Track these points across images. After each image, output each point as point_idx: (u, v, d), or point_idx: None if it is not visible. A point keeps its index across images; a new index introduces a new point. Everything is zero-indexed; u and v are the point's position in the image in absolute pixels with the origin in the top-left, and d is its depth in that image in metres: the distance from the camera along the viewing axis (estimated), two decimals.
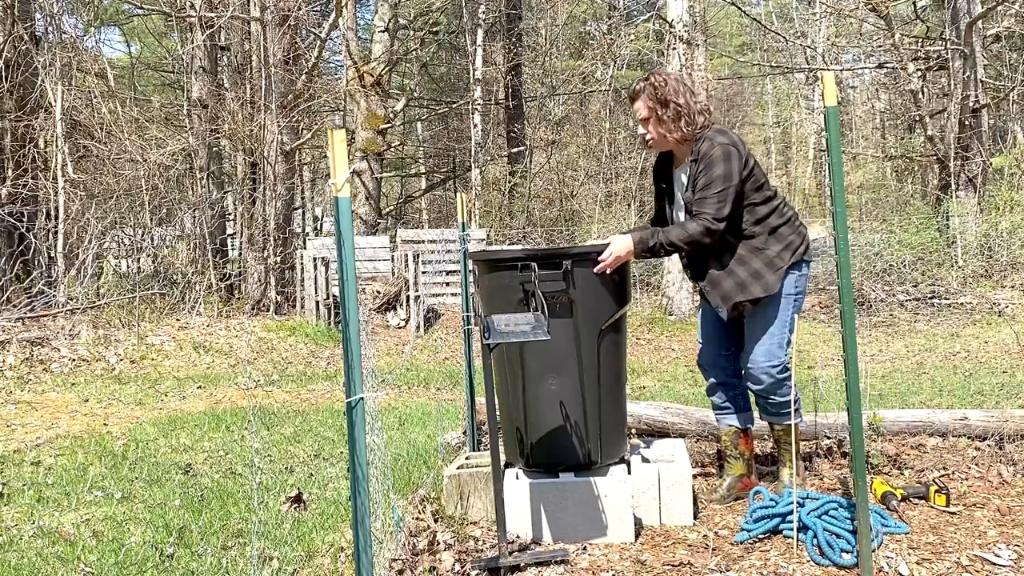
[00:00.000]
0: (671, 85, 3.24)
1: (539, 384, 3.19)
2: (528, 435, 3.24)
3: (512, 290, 3.16)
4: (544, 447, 3.24)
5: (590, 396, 3.21)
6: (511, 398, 3.28)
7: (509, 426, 3.36)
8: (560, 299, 3.12)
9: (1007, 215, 13.30)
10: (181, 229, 14.20)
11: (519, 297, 3.14)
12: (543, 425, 3.22)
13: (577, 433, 3.21)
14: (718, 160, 3.13)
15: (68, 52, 12.43)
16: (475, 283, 3.49)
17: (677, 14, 11.97)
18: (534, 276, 3.07)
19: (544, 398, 3.20)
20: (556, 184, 20.74)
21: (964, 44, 13.52)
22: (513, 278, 3.14)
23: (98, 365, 8.67)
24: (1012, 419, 4.16)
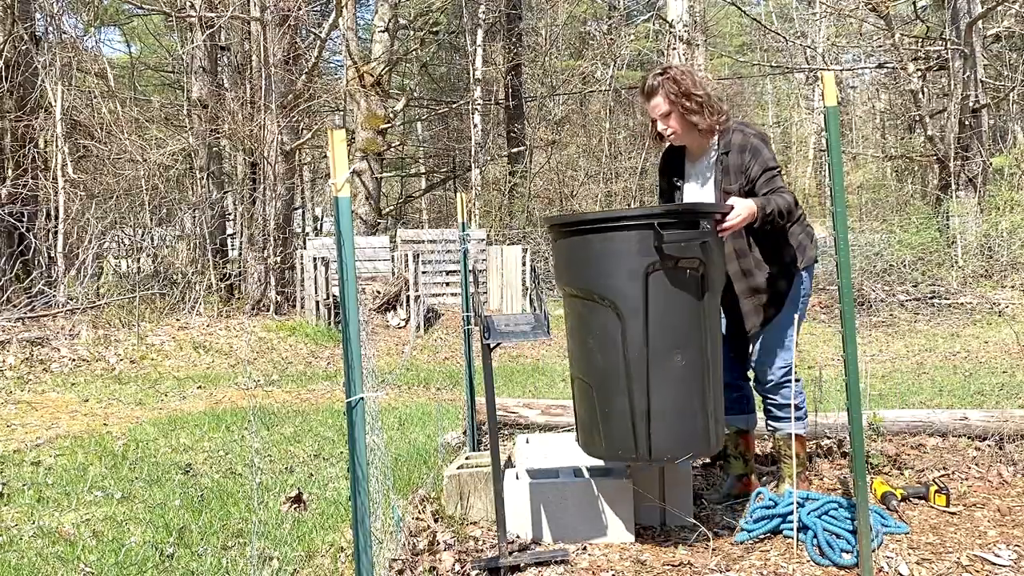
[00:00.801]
0: (689, 77, 3.18)
1: (665, 362, 2.81)
2: (652, 422, 2.82)
3: (628, 258, 2.76)
4: (671, 435, 2.84)
5: (713, 373, 2.90)
6: (626, 380, 2.81)
7: (615, 414, 2.87)
8: (692, 265, 2.79)
9: (1007, 215, 13.30)
10: (181, 229, 14.20)
11: (642, 267, 2.75)
12: (669, 409, 2.83)
13: (704, 416, 2.87)
14: (761, 147, 3.14)
15: (68, 52, 12.43)
16: (559, 254, 3.02)
17: (677, 14, 11.98)
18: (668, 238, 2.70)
19: (671, 378, 2.82)
20: (556, 184, 20.75)
21: (964, 44, 13.52)
22: (634, 243, 2.75)
23: (98, 365, 8.66)
24: (1012, 419, 4.16)
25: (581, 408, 3.04)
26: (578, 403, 3.07)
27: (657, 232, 2.72)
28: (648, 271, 2.76)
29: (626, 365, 2.81)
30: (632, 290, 2.78)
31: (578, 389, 3.05)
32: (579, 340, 2.97)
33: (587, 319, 2.90)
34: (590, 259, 2.85)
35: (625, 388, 2.82)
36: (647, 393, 2.81)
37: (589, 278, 2.85)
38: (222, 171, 15.80)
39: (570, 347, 3.09)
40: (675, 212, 2.82)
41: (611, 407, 2.87)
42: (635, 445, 2.85)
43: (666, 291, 2.79)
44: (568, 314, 3.05)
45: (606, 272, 2.81)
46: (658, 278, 2.77)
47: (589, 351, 2.91)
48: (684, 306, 2.81)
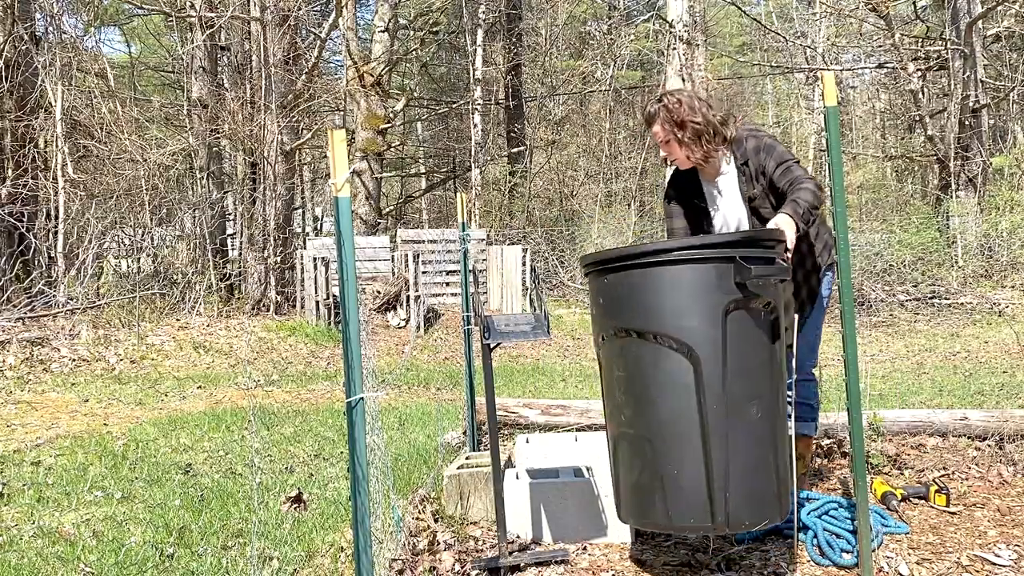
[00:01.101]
0: (685, 104, 3.07)
1: (742, 413, 2.47)
2: (729, 484, 2.44)
3: (706, 295, 2.45)
4: (748, 499, 2.47)
5: (783, 426, 2.57)
6: (702, 435, 2.45)
7: (686, 476, 2.47)
8: (769, 301, 2.51)
9: (1007, 215, 13.31)
10: (181, 229, 14.20)
11: (722, 305, 2.44)
12: (744, 470, 2.46)
13: (777, 474, 2.53)
14: (773, 143, 3.11)
15: (68, 52, 12.43)
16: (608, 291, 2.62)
17: (677, 14, 11.97)
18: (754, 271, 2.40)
19: (748, 432, 2.47)
20: (556, 184, 20.76)
21: (964, 44, 13.52)
22: (713, 277, 2.45)
23: (98, 365, 8.66)
24: (1012, 419, 4.16)
25: (631, 470, 2.61)
26: (625, 464, 2.64)
27: (742, 266, 2.43)
28: (728, 309, 2.46)
29: (701, 417, 2.44)
30: (711, 331, 2.45)
31: (628, 447, 2.62)
32: (636, 390, 2.57)
33: (649, 365, 2.53)
34: (657, 296, 2.50)
35: (700, 444, 2.44)
36: (726, 450, 2.44)
37: (656, 317, 2.49)
38: (222, 171, 15.81)
39: (615, 398, 2.66)
40: (754, 240, 2.53)
41: (681, 467, 2.47)
42: (711, 512, 2.45)
43: (744, 332, 2.49)
44: (615, 360, 2.64)
45: (678, 310, 2.47)
46: (737, 317, 2.47)
47: (650, 401, 2.52)
48: (761, 349, 2.52)
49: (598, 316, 2.71)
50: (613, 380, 2.66)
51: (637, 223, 17.50)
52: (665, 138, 3.12)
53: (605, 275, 2.62)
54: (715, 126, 3.08)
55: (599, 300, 2.68)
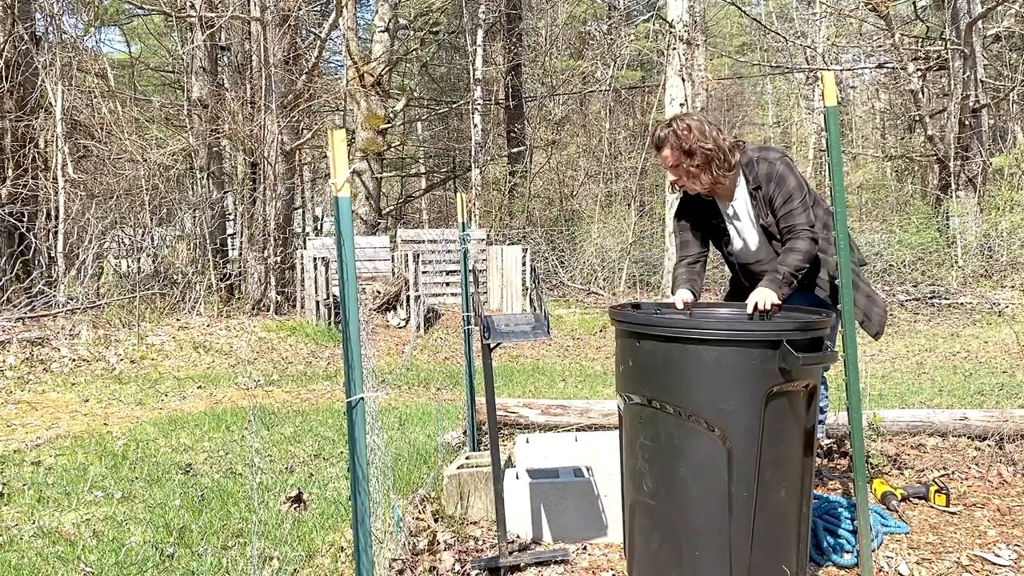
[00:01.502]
0: (696, 130, 3.01)
1: (769, 497, 2.41)
2: (752, 565, 2.40)
3: (746, 380, 2.37)
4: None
5: (807, 499, 2.54)
6: (728, 519, 2.39)
7: (707, 556, 2.43)
8: (808, 384, 2.46)
9: (1007, 215, 13.31)
10: (181, 229, 14.21)
11: (762, 392, 2.36)
12: (767, 547, 2.42)
13: (796, 550, 2.50)
14: (786, 173, 3.04)
15: (68, 52, 12.43)
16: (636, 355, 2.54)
17: (677, 14, 11.97)
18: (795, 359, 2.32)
19: (773, 514, 2.42)
20: (556, 184, 20.77)
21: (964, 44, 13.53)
22: (756, 362, 2.36)
23: (98, 365, 8.67)
24: (1012, 419, 4.16)
25: (649, 540, 2.57)
26: (643, 533, 2.59)
27: (789, 353, 2.33)
28: (769, 395, 2.36)
29: (729, 502, 2.38)
30: (749, 419, 2.36)
31: (647, 517, 2.56)
32: (663, 463, 2.49)
33: (680, 442, 2.45)
34: (692, 375, 2.40)
35: (726, 528, 2.39)
36: (751, 533, 2.39)
37: (689, 396, 2.40)
38: (222, 171, 15.81)
39: (638, 464, 2.58)
40: (808, 326, 2.44)
41: (703, 548, 2.43)
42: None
43: (782, 416, 2.41)
44: (643, 428, 2.56)
45: (718, 394, 2.37)
46: (777, 403, 2.38)
47: (677, 480, 2.45)
48: (797, 431, 2.45)
49: (626, 376, 2.62)
50: (637, 446, 2.58)
51: (637, 223, 17.50)
52: (675, 163, 3.06)
53: (639, 339, 2.53)
54: (725, 152, 3.02)
55: (629, 362, 2.59)
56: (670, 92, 12.28)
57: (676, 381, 2.43)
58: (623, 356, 2.64)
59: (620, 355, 2.67)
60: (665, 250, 13.06)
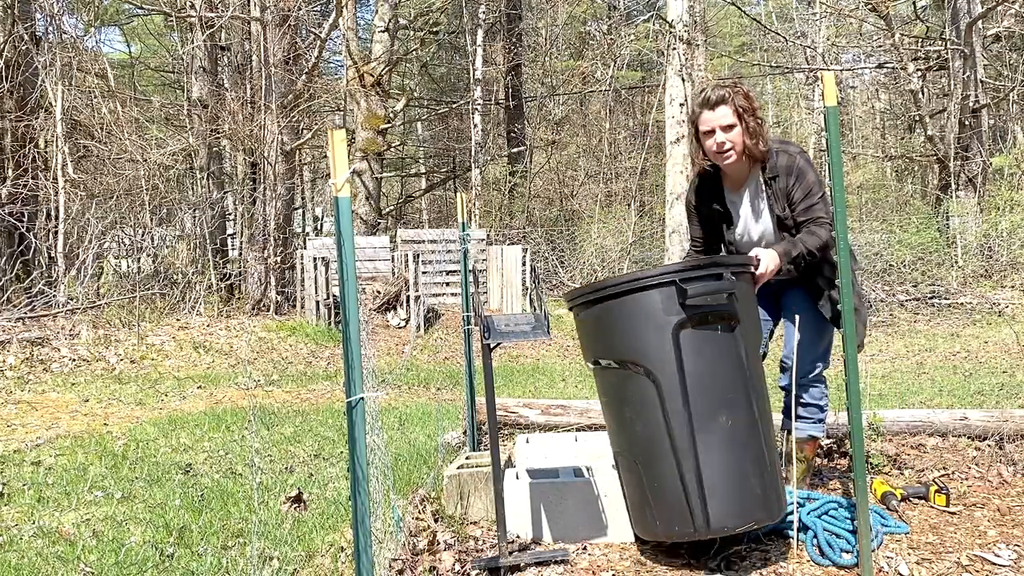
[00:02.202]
0: (752, 97, 3.05)
1: (710, 425, 2.66)
2: (705, 492, 2.64)
3: (654, 319, 2.66)
4: (729, 504, 2.65)
5: (766, 431, 2.75)
6: (672, 449, 2.66)
7: (666, 488, 2.69)
8: (725, 319, 2.70)
9: (1007, 215, 13.31)
10: (181, 229, 14.21)
11: (669, 326, 2.64)
12: (720, 477, 2.65)
13: (761, 479, 2.71)
14: (806, 168, 3.07)
15: (68, 52, 12.43)
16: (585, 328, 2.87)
17: (677, 14, 11.97)
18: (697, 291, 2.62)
19: (720, 441, 2.66)
20: (556, 184, 20.77)
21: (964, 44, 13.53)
22: (658, 303, 2.65)
23: (98, 365, 8.67)
24: (1012, 419, 4.16)
25: (629, 486, 2.90)
26: (625, 481, 2.94)
27: (680, 288, 2.62)
28: (677, 329, 2.64)
29: (669, 432, 2.65)
30: (663, 351, 2.65)
31: (622, 466, 2.92)
32: (615, 413, 2.85)
33: (621, 390, 2.78)
34: (615, 326, 2.72)
35: (672, 458, 2.66)
36: (695, 460, 2.64)
37: (617, 346, 2.73)
38: (222, 171, 15.81)
39: (607, 422, 2.97)
40: (698, 267, 2.71)
41: (660, 480, 2.70)
42: (691, 519, 2.65)
43: (700, 349, 2.67)
44: (601, 388, 2.95)
45: (633, 336, 2.68)
46: (689, 336, 2.65)
47: (627, 423, 2.77)
48: (723, 362, 2.69)
49: (582, 348, 2.97)
50: (604, 406, 2.96)
51: (637, 223, 17.50)
52: (734, 122, 3.04)
53: (580, 311, 2.87)
54: (764, 130, 3.08)
55: (579, 333, 2.95)
56: (670, 92, 12.28)
57: (606, 336, 2.76)
58: (581, 333, 2.95)
59: (580, 333, 2.98)
60: (665, 250, 13.06)
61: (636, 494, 2.83)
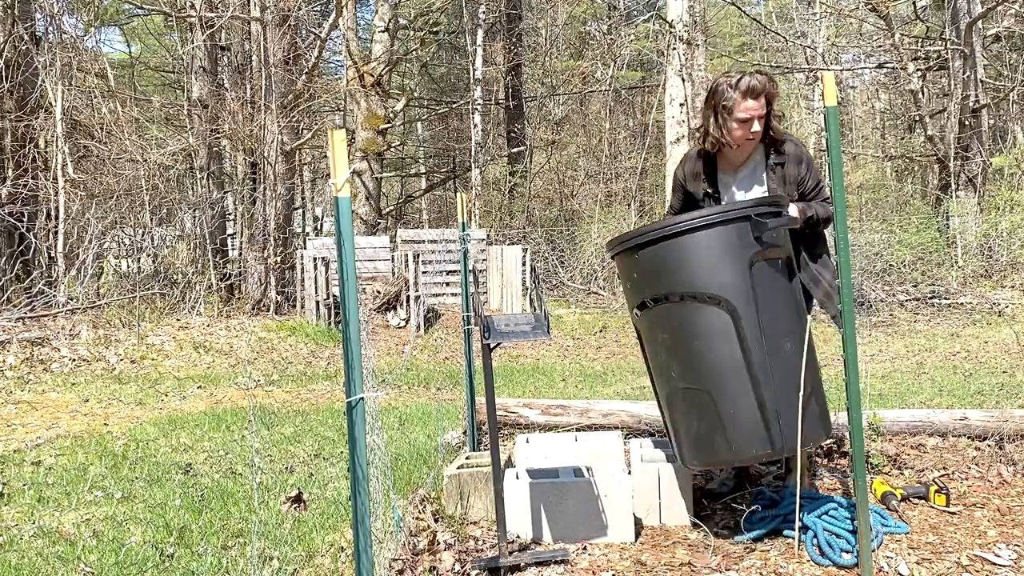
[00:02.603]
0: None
1: (779, 352, 2.83)
2: (779, 415, 2.80)
3: (733, 252, 2.80)
4: (796, 424, 2.83)
5: (813, 357, 2.92)
6: (749, 378, 2.80)
7: (742, 412, 2.83)
8: (784, 253, 2.93)
9: (1007, 215, 13.31)
10: (181, 229, 14.21)
11: (746, 259, 2.80)
12: (790, 399, 2.81)
13: (820, 399, 2.94)
14: (811, 158, 3.28)
15: (68, 52, 12.43)
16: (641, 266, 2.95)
17: (677, 14, 11.97)
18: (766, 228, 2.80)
19: (785, 367, 2.83)
20: (556, 184, 20.75)
21: (964, 44, 13.53)
22: (735, 237, 2.81)
23: (98, 365, 8.66)
24: (1012, 419, 4.16)
25: (690, 419, 2.95)
26: (683, 415, 2.97)
27: (756, 222, 2.80)
28: (751, 262, 2.81)
29: (747, 360, 2.80)
30: (741, 282, 2.80)
31: (685, 400, 2.95)
32: (682, 348, 2.90)
33: (692, 323, 2.87)
34: (691, 261, 2.83)
35: (750, 384, 2.80)
36: (772, 383, 2.80)
37: (694, 280, 2.83)
38: (222, 171, 15.80)
39: (661, 359, 3.01)
40: (766, 202, 2.90)
41: (736, 407, 2.82)
42: (770, 440, 2.81)
43: (768, 280, 2.85)
44: (661, 326, 2.97)
45: (713, 270, 2.81)
46: (760, 268, 2.83)
47: (697, 355, 2.86)
48: (785, 292, 2.89)
49: (633, 289, 3.03)
50: (658, 344, 3.00)
51: (637, 223, 17.48)
52: (762, 112, 3.18)
53: (637, 251, 2.93)
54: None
55: (633, 275, 3.00)
56: (670, 92, 12.28)
57: (677, 271, 2.86)
58: (627, 274, 3.04)
59: (624, 275, 3.08)
60: None
61: (703, 425, 2.90)
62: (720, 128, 3.21)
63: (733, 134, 3.18)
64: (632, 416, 4.50)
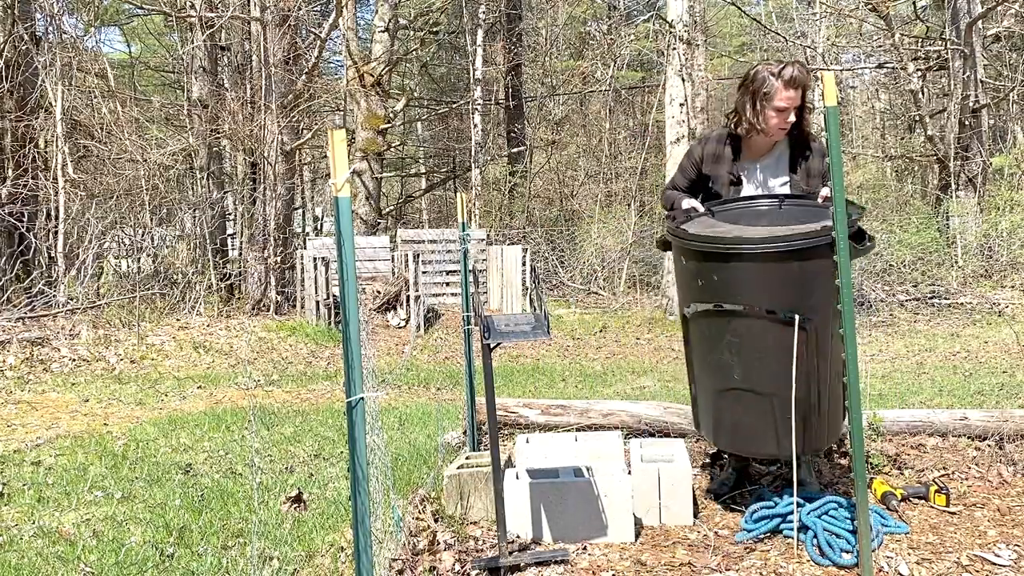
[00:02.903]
0: None
1: (829, 358, 2.97)
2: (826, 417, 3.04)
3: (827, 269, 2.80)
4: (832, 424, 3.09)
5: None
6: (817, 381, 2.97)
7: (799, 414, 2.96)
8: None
9: (1007, 215, 13.30)
10: (181, 229, 14.21)
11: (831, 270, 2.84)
12: (831, 403, 3.04)
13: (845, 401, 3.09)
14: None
15: (68, 52, 12.43)
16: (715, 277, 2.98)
17: (677, 14, 11.97)
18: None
19: (833, 374, 3.00)
20: (556, 184, 20.75)
21: (964, 44, 13.52)
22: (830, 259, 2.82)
23: (98, 365, 8.67)
24: (1012, 419, 4.16)
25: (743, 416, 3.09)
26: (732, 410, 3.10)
27: (856, 248, 2.90)
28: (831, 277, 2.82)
29: (819, 367, 2.95)
30: (826, 305, 2.84)
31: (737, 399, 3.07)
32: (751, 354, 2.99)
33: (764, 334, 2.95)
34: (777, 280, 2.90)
35: (816, 387, 2.97)
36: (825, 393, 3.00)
37: (775, 299, 2.90)
38: (222, 171, 15.80)
39: (724, 359, 3.06)
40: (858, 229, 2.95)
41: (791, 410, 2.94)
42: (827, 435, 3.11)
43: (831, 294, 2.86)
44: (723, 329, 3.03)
45: (795, 291, 2.89)
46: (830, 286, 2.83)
47: (766, 363, 2.97)
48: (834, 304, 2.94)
49: (701, 292, 3.06)
50: (722, 344, 3.06)
51: (637, 223, 17.49)
52: (798, 103, 3.21)
53: (728, 258, 2.93)
54: None
55: (713, 276, 2.99)
56: (670, 92, 12.28)
57: (759, 287, 2.92)
58: (702, 272, 3.03)
59: (690, 276, 3.09)
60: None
61: (753, 421, 3.06)
62: (757, 115, 3.22)
63: (769, 122, 3.20)
64: (632, 416, 4.50)
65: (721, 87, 22.18)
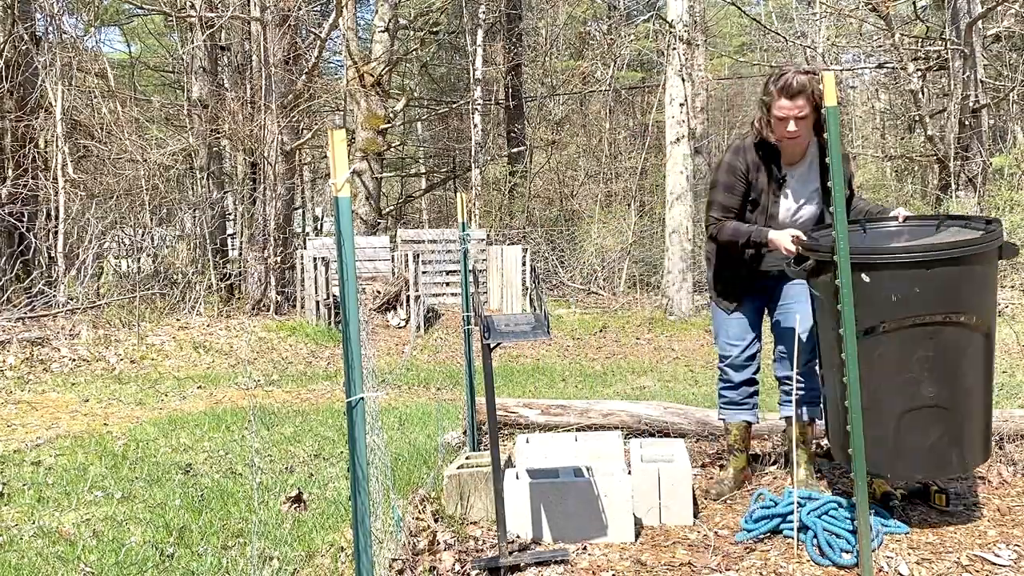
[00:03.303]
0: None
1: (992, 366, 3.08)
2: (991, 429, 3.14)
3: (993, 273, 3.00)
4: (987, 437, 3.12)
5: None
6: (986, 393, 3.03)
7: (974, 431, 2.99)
8: None
9: (1007, 215, 13.30)
10: (181, 229, 14.21)
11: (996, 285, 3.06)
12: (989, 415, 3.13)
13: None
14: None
15: (68, 52, 12.43)
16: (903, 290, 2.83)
17: (677, 14, 11.98)
18: None
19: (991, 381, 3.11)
20: (556, 184, 20.75)
21: (964, 44, 13.52)
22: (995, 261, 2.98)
23: (98, 365, 8.66)
24: (1012, 419, 4.16)
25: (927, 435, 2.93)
26: (919, 432, 2.93)
27: (1009, 249, 2.95)
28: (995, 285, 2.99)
29: (986, 382, 3.00)
30: (993, 310, 2.99)
31: (925, 418, 2.91)
32: (944, 368, 2.89)
33: (958, 345, 2.89)
34: (967, 285, 2.85)
35: (983, 404, 3.01)
36: (991, 404, 3.09)
37: (966, 304, 2.86)
38: (222, 171, 15.80)
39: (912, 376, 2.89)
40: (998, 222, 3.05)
41: (975, 425, 2.99)
42: (987, 450, 3.10)
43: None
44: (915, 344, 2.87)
45: (988, 297, 2.94)
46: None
47: (959, 376, 2.92)
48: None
49: (895, 307, 2.83)
50: (912, 362, 2.89)
51: (637, 223, 17.49)
52: (806, 114, 3.12)
53: (922, 266, 2.81)
54: None
55: (913, 289, 2.82)
56: (670, 92, 12.29)
57: (961, 295, 2.86)
58: (898, 285, 2.83)
59: (889, 286, 2.84)
60: (665, 250, 13.06)
61: (944, 440, 2.93)
62: (764, 124, 3.20)
63: (775, 130, 3.17)
64: (632, 416, 4.50)
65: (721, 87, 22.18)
